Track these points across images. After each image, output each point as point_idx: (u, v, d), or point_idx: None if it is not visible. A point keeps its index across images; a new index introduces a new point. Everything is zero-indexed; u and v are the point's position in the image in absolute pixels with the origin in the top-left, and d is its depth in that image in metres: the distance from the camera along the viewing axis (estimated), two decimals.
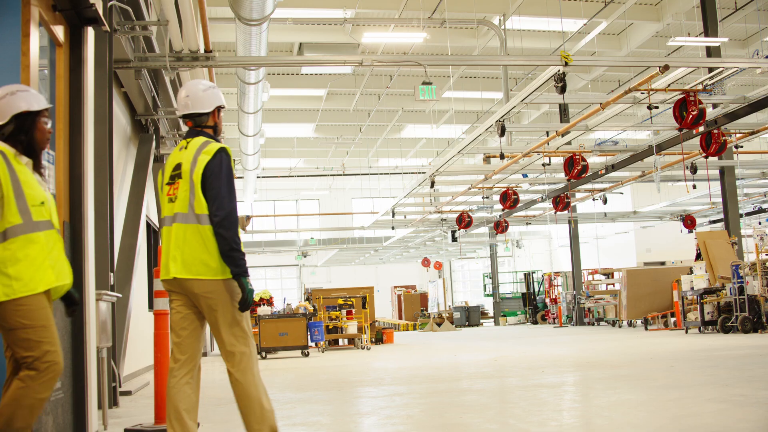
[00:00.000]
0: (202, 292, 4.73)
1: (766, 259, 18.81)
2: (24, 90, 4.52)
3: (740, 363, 10.47)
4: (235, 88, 20.13)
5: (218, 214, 4.68)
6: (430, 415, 7.10)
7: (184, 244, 4.73)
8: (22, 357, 4.27)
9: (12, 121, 4.43)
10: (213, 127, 5.07)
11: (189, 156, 4.82)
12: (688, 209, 34.57)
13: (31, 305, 4.30)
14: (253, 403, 4.80)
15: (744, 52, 25.09)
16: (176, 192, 4.82)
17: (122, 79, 12.21)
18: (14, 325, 4.25)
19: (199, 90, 5.03)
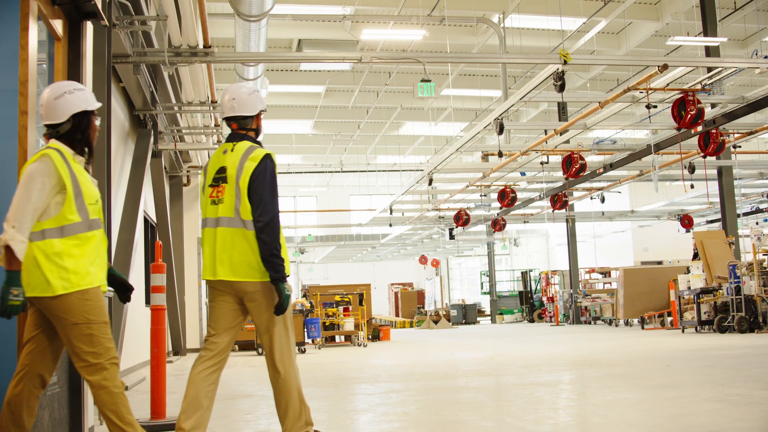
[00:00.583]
0: (252, 291, 4.92)
1: (762, 259, 18.85)
2: (80, 89, 4.60)
3: (737, 363, 10.48)
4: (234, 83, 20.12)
5: (261, 219, 4.84)
6: (426, 412, 7.10)
7: (232, 248, 4.89)
8: (84, 354, 4.36)
9: (70, 119, 4.51)
10: (255, 129, 5.22)
11: (235, 161, 4.96)
12: (686, 209, 34.59)
13: (97, 300, 4.44)
14: (293, 397, 4.99)
15: (743, 52, 25.10)
16: (221, 195, 4.97)
17: (121, 74, 12.18)
18: (79, 320, 4.34)
19: (244, 93, 5.17)
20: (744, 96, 18.25)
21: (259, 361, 15.99)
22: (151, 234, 16.65)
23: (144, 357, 13.74)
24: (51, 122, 4.52)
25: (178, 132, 16.28)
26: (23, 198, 4.23)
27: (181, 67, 12.92)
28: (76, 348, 4.36)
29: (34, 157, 4.37)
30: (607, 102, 17.44)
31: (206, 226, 5.05)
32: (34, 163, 4.32)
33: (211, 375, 4.96)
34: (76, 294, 4.33)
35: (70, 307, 4.32)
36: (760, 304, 17.71)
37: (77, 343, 4.35)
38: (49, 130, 4.55)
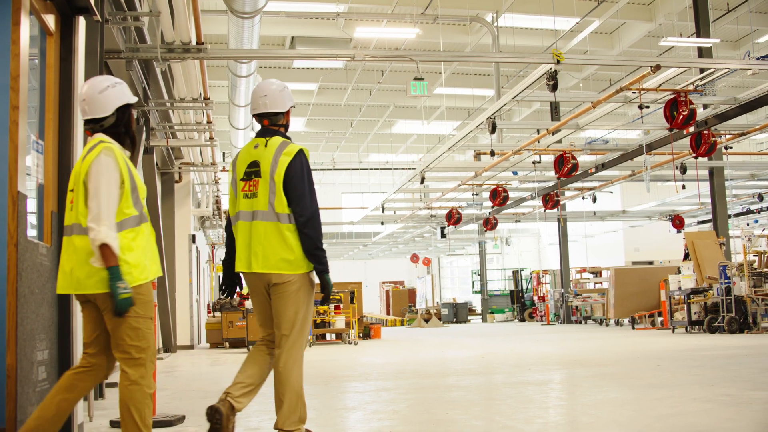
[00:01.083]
0: (280, 282, 5.01)
1: (753, 260, 18.89)
2: (120, 82, 4.69)
3: (726, 363, 10.51)
4: (227, 80, 20.09)
5: (303, 214, 4.98)
6: (416, 410, 7.11)
7: (266, 241, 4.99)
8: (127, 346, 4.43)
9: (114, 113, 4.62)
10: (285, 125, 5.34)
11: (268, 155, 5.06)
12: (677, 209, 34.67)
13: (148, 295, 4.53)
14: (291, 390, 5.02)
15: (735, 54, 25.15)
16: (254, 189, 5.06)
17: (113, 70, 12.15)
18: (132, 313, 4.41)
19: (275, 90, 5.27)
20: (736, 97, 18.30)
21: None
22: None
23: None
24: (96, 116, 4.59)
25: (170, 128, 16.26)
26: (107, 194, 4.35)
27: (174, 63, 12.91)
28: (120, 340, 4.43)
29: (95, 151, 4.45)
30: (600, 102, 17.47)
31: (240, 219, 5.13)
32: (101, 157, 4.41)
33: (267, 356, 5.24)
34: (134, 288, 4.41)
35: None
36: (750, 304, 17.76)
37: (123, 335, 4.42)
38: (92, 125, 4.63)
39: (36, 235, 5.62)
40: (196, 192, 25.20)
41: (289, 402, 5.02)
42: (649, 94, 16.95)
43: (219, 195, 26.78)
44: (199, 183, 24.40)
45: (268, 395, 5.21)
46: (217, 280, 39.29)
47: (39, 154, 5.47)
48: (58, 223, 5.57)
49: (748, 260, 18.44)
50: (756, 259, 19.15)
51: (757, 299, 17.76)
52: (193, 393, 9.10)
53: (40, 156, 5.50)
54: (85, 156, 4.50)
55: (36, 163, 5.34)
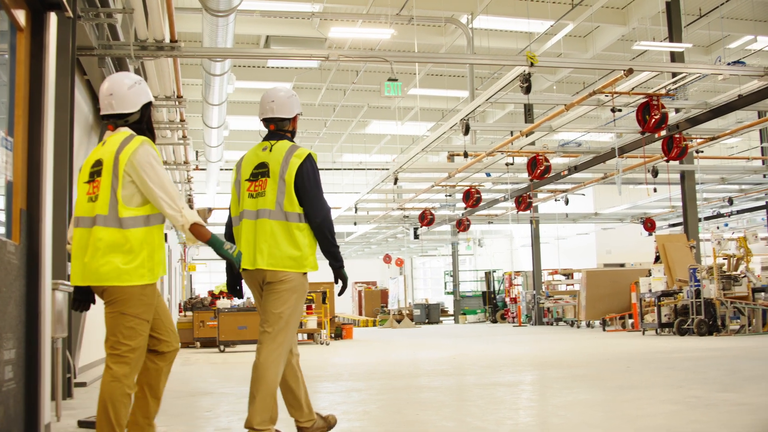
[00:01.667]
0: (278, 279, 5.09)
1: (722, 264, 19.06)
2: (143, 80, 4.83)
3: (695, 365, 10.59)
4: (200, 79, 19.99)
5: (318, 216, 5.15)
6: (387, 411, 7.10)
7: (272, 239, 5.09)
8: (119, 343, 4.50)
9: (140, 109, 4.75)
10: (292, 131, 5.46)
11: (277, 157, 5.18)
12: (649, 212, 34.93)
13: (150, 297, 4.62)
14: (266, 388, 5.04)
15: (707, 59, 25.35)
16: (260, 189, 5.18)
17: (85, 67, 12.05)
18: (132, 312, 4.51)
19: (283, 96, 5.38)
20: (707, 102, 18.46)
21: (220, 358, 15.92)
22: None
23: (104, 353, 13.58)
24: (123, 112, 4.69)
25: None
26: (166, 182, 4.50)
27: (147, 61, 12.82)
28: (113, 336, 4.52)
29: (134, 144, 4.55)
30: (573, 105, 17.56)
31: (244, 218, 5.23)
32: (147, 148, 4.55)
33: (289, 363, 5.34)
34: (139, 288, 4.52)
35: (130, 297, 4.51)
36: (719, 307, 17.91)
37: (117, 332, 4.50)
38: (115, 120, 4.73)
39: (4, 232, 5.57)
40: None
41: (262, 400, 5.02)
42: (621, 98, 17.07)
43: (191, 194, 26.63)
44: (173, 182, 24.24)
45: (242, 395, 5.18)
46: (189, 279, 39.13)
47: (8, 151, 5.41)
48: (27, 220, 5.51)
49: (717, 263, 18.59)
50: (725, 262, 19.32)
51: (726, 302, 17.91)
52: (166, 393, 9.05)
53: (9, 153, 5.45)
54: (119, 147, 4.56)
55: (5, 161, 5.29)
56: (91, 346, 12.43)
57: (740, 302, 18.07)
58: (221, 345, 18.15)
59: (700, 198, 29.56)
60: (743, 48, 25.32)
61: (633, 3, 21.99)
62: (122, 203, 4.50)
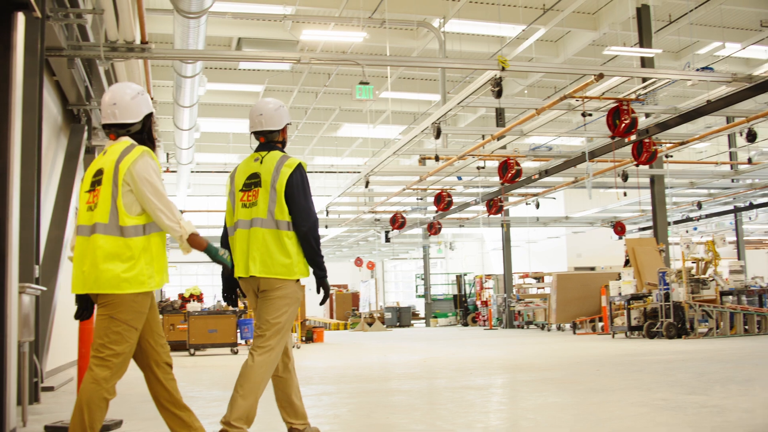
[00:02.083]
0: (271, 287, 5.23)
1: (691, 267, 19.21)
2: (145, 91, 4.92)
3: (663, 368, 10.66)
4: (171, 80, 19.90)
5: (305, 224, 5.27)
6: (357, 415, 7.10)
7: (264, 247, 5.22)
8: (105, 348, 4.52)
9: (142, 120, 4.83)
10: (282, 142, 5.60)
11: (269, 167, 5.32)
12: (619, 216, 35.14)
13: (143, 306, 4.63)
14: (252, 390, 5.10)
15: (676, 64, 25.57)
16: (253, 199, 5.32)
17: (54, 68, 11.94)
18: (121, 318, 4.54)
19: (271, 109, 5.52)
20: (676, 107, 18.60)
21: (190, 361, 15.85)
22: None
23: (72, 357, 13.49)
24: (126, 121, 4.76)
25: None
26: (163, 193, 4.58)
27: (117, 62, 12.73)
28: (101, 340, 4.53)
29: (134, 154, 4.61)
30: (544, 109, 17.64)
31: (238, 227, 5.38)
32: (147, 159, 4.62)
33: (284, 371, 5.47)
34: (132, 295, 4.56)
35: (121, 302, 4.53)
36: (687, 310, 18.06)
37: (104, 337, 4.53)
38: (117, 129, 4.79)
39: None
40: None
41: (244, 398, 5.07)
42: (592, 102, 17.16)
43: None
44: None
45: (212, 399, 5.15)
46: None
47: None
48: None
49: (686, 267, 18.74)
50: (694, 265, 19.48)
51: (694, 305, 18.06)
52: (132, 397, 8.97)
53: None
54: (120, 157, 4.61)
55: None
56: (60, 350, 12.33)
57: (708, 305, 18.23)
58: (191, 348, 18.04)
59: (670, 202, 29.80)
60: (712, 54, 25.57)
61: (604, 8, 22.15)
62: (123, 211, 4.56)
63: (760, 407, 6.69)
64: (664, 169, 24.00)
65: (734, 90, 16.48)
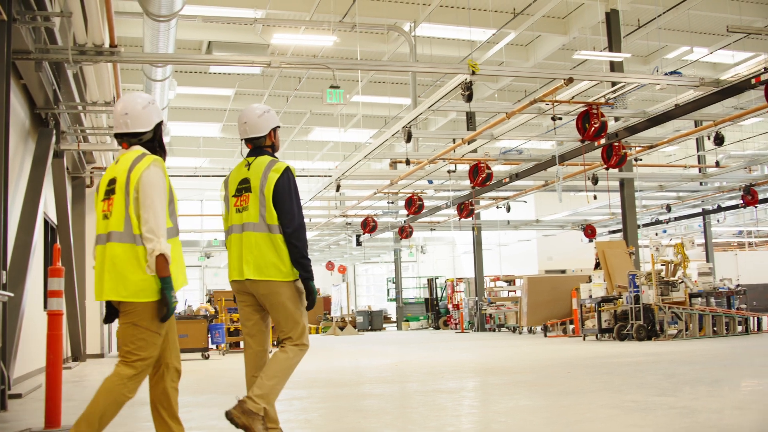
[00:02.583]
0: (269, 291, 5.36)
1: (660, 270, 19.36)
2: (154, 101, 5.03)
3: (633, 370, 10.73)
4: (141, 84, 19.80)
5: (290, 226, 5.37)
6: (328, 419, 7.08)
7: (257, 250, 5.36)
8: (131, 354, 4.66)
9: (153, 128, 4.95)
10: (271, 146, 5.70)
11: (258, 172, 5.46)
12: (589, 219, 35.34)
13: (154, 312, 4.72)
14: (278, 378, 5.32)
15: (645, 69, 25.78)
16: (245, 204, 5.47)
17: (21, 71, 11.81)
18: (144, 325, 4.66)
19: (254, 116, 5.63)
20: (645, 111, 18.75)
21: None
22: (51, 236, 16.23)
23: (40, 363, 13.35)
24: (138, 131, 4.89)
25: (81, 132, 15.90)
26: (158, 206, 4.65)
27: (86, 65, 12.63)
28: (126, 347, 4.67)
29: (144, 162, 4.71)
30: (514, 113, 17.70)
31: (232, 232, 5.54)
32: (152, 171, 4.70)
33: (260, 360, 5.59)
34: (152, 303, 4.66)
35: (144, 309, 4.66)
36: (657, 312, 18.18)
37: (130, 343, 4.66)
38: (129, 138, 4.92)
39: None
40: None
41: (269, 383, 5.25)
42: (562, 106, 17.25)
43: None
44: None
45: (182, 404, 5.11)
46: None
47: None
48: None
49: (656, 269, 18.88)
50: (664, 268, 19.62)
51: (664, 307, 18.19)
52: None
53: None
54: (131, 166, 4.72)
55: None
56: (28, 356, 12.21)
57: (678, 307, 18.37)
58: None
59: (639, 205, 30.07)
60: (680, 58, 25.83)
61: (573, 13, 22.30)
62: (135, 221, 4.67)
63: (728, 408, 6.75)
64: (634, 172, 24.17)
65: (702, 94, 16.63)
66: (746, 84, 15.41)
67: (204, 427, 6.81)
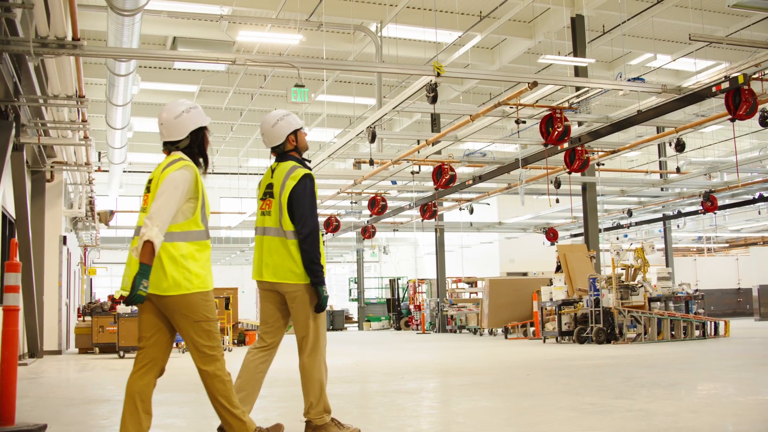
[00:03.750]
0: (289, 291, 5.70)
1: (621, 274, 19.52)
2: (194, 107, 5.19)
3: (592, 372, 10.81)
4: (104, 78, 19.59)
5: (302, 232, 5.61)
6: (287, 418, 7.05)
7: (276, 254, 5.68)
8: (202, 346, 4.96)
9: (188, 136, 5.11)
10: (295, 149, 5.92)
11: (279, 179, 5.73)
12: (551, 222, 35.58)
13: (212, 301, 5.05)
14: (315, 383, 5.74)
15: (609, 74, 25.99)
16: (268, 208, 5.78)
17: None
18: (200, 317, 4.93)
19: (268, 127, 5.86)
20: (608, 116, 18.90)
21: (120, 364, 15.62)
22: (9, 230, 16.03)
23: None
24: (172, 140, 5.11)
25: (42, 126, 15.72)
26: (169, 202, 4.77)
27: (48, 58, 12.48)
28: (196, 342, 4.95)
29: (175, 165, 4.92)
30: (479, 115, 17.76)
31: (256, 234, 5.89)
32: (179, 171, 4.89)
33: (261, 365, 5.89)
34: (199, 294, 4.91)
35: (194, 305, 4.89)
36: (617, 316, 18.32)
37: (197, 337, 4.95)
38: (169, 146, 5.15)
39: None
40: (69, 192, 24.47)
41: (314, 395, 5.71)
42: (526, 110, 17.34)
43: (93, 196, 26.04)
44: (72, 183, 23.72)
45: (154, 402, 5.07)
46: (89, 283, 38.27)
47: None
48: None
49: (616, 273, 19.04)
50: (624, 272, 19.79)
51: (623, 311, 18.34)
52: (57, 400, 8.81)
53: None
54: (165, 167, 4.96)
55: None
56: None
57: (637, 311, 18.52)
58: (121, 351, 17.79)
59: (601, 209, 30.34)
60: (644, 65, 26.09)
61: (539, 17, 22.43)
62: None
63: (684, 411, 6.82)
64: (596, 176, 24.36)
65: (664, 101, 16.80)
66: (707, 92, 15.58)
67: (162, 426, 6.76)
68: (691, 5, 21.42)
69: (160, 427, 6.65)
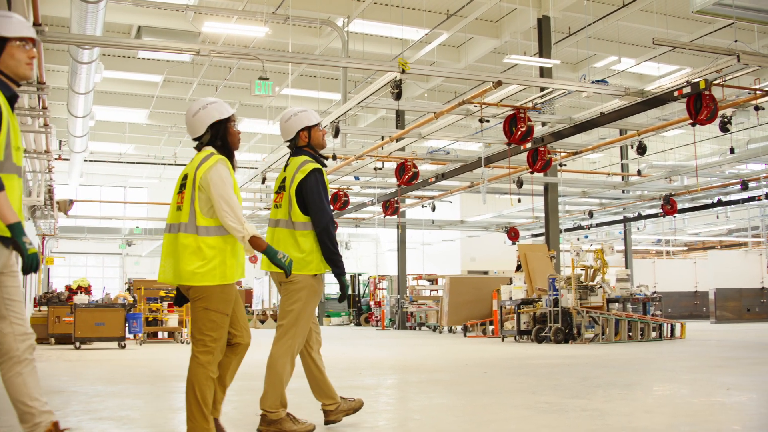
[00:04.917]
0: (288, 280, 5.80)
1: (580, 274, 19.65)
2: (212, 102, 5.36)
3: (549, 372, 10.87)
4: (67, 66, 19.38)
5: (319, 225, 5.76)
6: (242, 413, 7.04)
7: (285, 245, 5.79)
8: (204, 335, 5.13)
9: (207, 130, 5.30)
10: (308, 144, 6.07)
11: (290, 173, 5.90)
12: (513, 222, 35.73)
13: (229, 294, 5.21)
14: (276, 376, 5.87)
15: (573, 76, 26.16)
16: (280, 201, 5.96)
17: None
18: (213, 308, 5.11)
19: (282, 123, 6.12)
20: (572, 117, 19.02)
21: (75, 355, 15.46)
22: None
23: None
24: (194, 136, 5.36)
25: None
26: (232, 198, 5.07)
27: None
28: (200, 328, 5.13)
29: (210, 161, 5.14)
30: (443, 113, 17.80)
31: (269, 225, 6.03)
32: (219, 166, 5.12)
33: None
34: (219, 287, 5.11)
35: (211, 295, 5.09)
36: (575, 316, 18.45)
37: (202, 325, 5.12)
38: (198, 143, 5.37)
39: None
40: (28, 180, 24.17)
41: (272, 387, 5.83)
42: (490, 109, 17.40)
43: (52, 184, 25.76)
44: (31, 171, 23.42)
45: (95, 394, 5.01)
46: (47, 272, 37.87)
47: None
48: None
49: (575, 274, 19.16)
50: (583, 273, 19.93)
51: (582, 311, 18.47)
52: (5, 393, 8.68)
53: None
54: (199, 164, 5.17)
55: None
56: None
57: (595, 312, 18.66)
58: (77, 341, 17.61)
59: (562, 210, 30.53)
60: (608, 68, 26.27)
61: (506, 17, 22.51)
62: (199, 213, 5.10)
63: (638, 411, 6.88)
64: (558, 177, 24.50)
65: (627, 104, 16.94)
66: (669, 96, 15.72)
67: (115, 417, 6.70)
68: (656, 10, 21.62)
69: (113, 420, 6.59)
